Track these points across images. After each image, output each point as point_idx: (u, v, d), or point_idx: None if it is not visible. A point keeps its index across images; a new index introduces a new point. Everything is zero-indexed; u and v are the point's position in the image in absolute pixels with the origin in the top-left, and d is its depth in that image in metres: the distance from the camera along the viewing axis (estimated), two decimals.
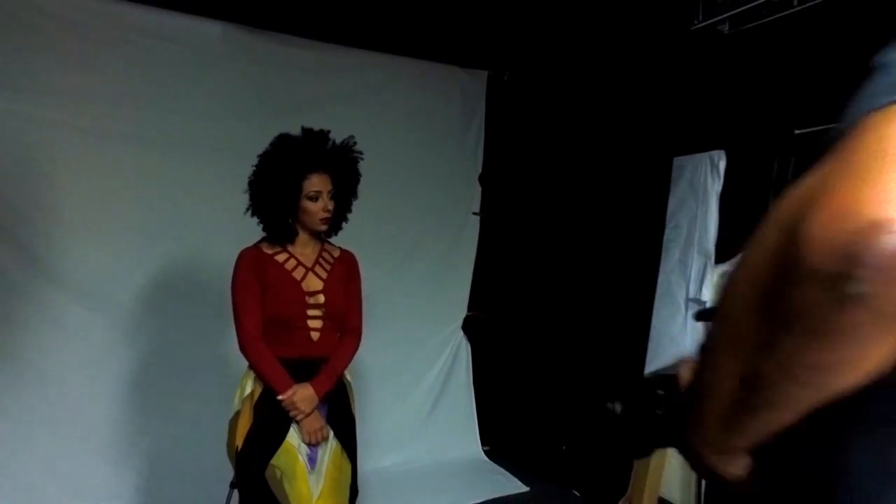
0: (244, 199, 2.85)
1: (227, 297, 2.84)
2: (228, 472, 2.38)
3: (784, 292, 0.37)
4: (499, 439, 3.75)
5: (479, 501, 3.05)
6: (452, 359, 3.71)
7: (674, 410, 0.60)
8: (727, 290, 0.45)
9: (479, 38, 3.63)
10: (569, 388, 3.34)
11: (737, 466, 0.52)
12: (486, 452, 3.68)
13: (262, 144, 2.87)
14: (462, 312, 3.80)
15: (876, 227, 0.33)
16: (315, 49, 3.25)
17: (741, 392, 0.44)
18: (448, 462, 3.45)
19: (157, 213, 2.89)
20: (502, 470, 3.46)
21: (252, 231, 2.41)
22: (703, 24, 2.60)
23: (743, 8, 2.45)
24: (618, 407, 0.69)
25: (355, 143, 1.86)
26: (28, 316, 2.65)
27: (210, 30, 3.00)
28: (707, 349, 0.50)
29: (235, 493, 2.16)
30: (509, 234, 3.87)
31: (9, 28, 2.55)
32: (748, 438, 0.48)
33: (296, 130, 2.69)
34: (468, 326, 3.81)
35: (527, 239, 3.77)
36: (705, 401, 0.49)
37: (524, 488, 3.25)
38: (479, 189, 3.92)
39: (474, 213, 3.92)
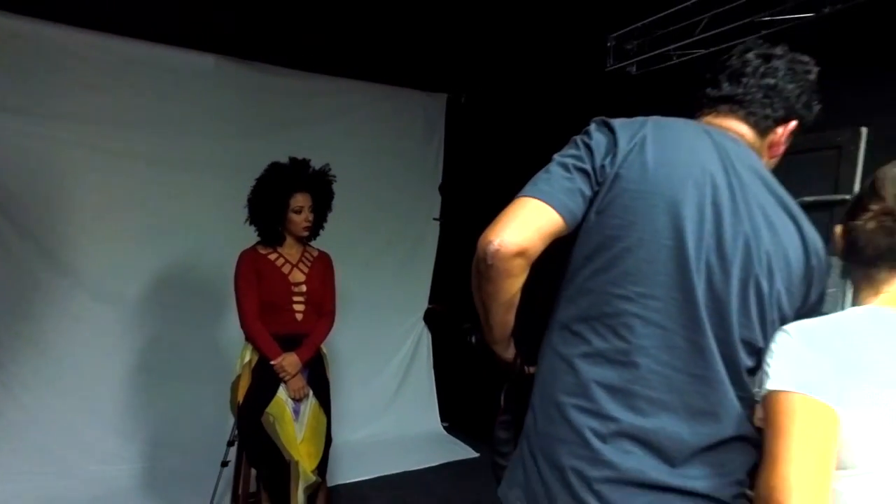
0: (234, 207, 3.38)
1: (220, 291, 3.37)
2: (221, 441, 2.90)
3: (478, 266, 0.93)
4: (456, 416, 4.29)
5: (436, 464, 3.60)
6: (415, 345, 4.25)
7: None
8: (473, 265, 1.00)
9: (440, 65, 4.18)
10: None
11: (508, 352, 1.08)
12: (445, 427, 4.22)
13: (249, 161, 3.42)
14: (424, 305, 4.34)
15: (491, 243, 0.89)
16: (295, 77, 3.74)
17: (482, 314, 1.00)
18: (412, 435, 3.97)
19: (159, 219, 3.36)
20: (458, 441, 4.01)
21: (238, 235, 2.94)
22: (615, 66, 3.20)
23: (647, 55, 3.04)
24: (473, 339, 1.25)
25: (330, 169, 2.39)
26: (49, 308, 3.11)
27: (204, 61, 3.48)
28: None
29: (231, 450, 2.69)
30: (466, 237, 4.40)
31: (34, 62, 3.01)
32: (500, 333, 1.03)
33: (278, 149, 3.26)
34: (429, 317, 4.36)
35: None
36: (482, 323, 1.05)
37: (475, 454, 3.79)
38: (439, 198, 4.48)
39: (435, 219, 4.47)
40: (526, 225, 0.90)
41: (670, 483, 0.87)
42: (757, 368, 0.90)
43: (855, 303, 0.92)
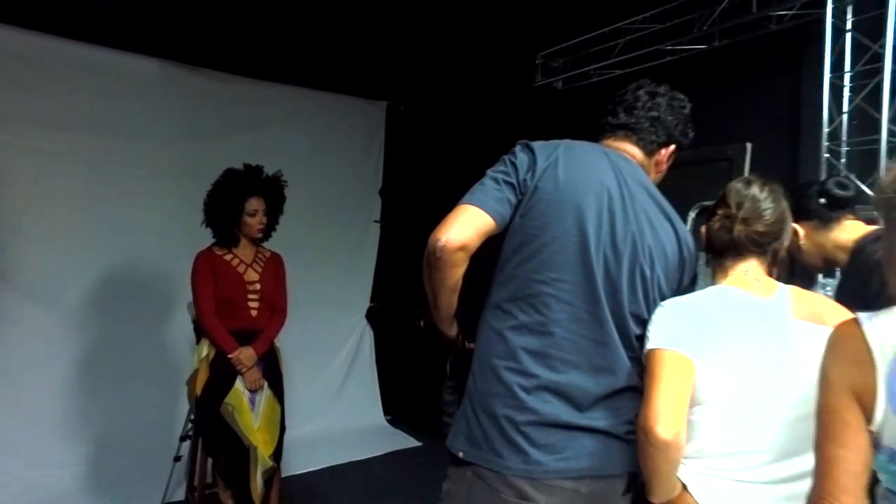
0: (177, 210, 3.48)
1: (164, 293, 3.44)
2: (170, 439, 2.98)
3: (429, 258, 1.16)
4: (398, 409, 4.49)
5: (381, 454, 3.80)
6: (358, 343, 4.43)
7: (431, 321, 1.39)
8: (424, 258, 1.23)
9: (380, 74, 4.39)
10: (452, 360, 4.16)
11: (452, 329, 1.31)
12: (388, 420, 4.42)
13: (193, 165, 3.52)
14: (365, 303, 4.53)
15: (439, 240, 1.12)
16: (239, 83, 3.84)
17: (431, 298, 1.24)
18: (356, 428, 4.15)
19: (101, 222, 3.37)
20: (401, 432, 4.21)
21: (182, 238, 3.03)
22: (543, 81, 3.52)
23: (571, 73, 3.37)
24: (422, 322, 1.48)
25: (282, 175, 2.56)
26: None
27: (148, 66, 3.52)
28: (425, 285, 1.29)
29: (183, 445, 2.79)
30: (405, 238, 4.64)
31: None
32: (446, 314, 1.27)
33: (221, 154, 3.39)
34: (371, 315, 4.55)
35: (420, 242, 4.52)
36: (431, 306, 1.28)
37: (418, 444, 4.02)
38: (379, 201, 4.68)
39: (375, 221, 4.67)
40: (466, 226, 1.14)
41: (579, 423, 1.13)
42: (643, 336, 1.18)
43: (713, 283, 1.23)
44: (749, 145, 2.71)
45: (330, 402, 4.16)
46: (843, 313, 1.04)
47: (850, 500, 0.85)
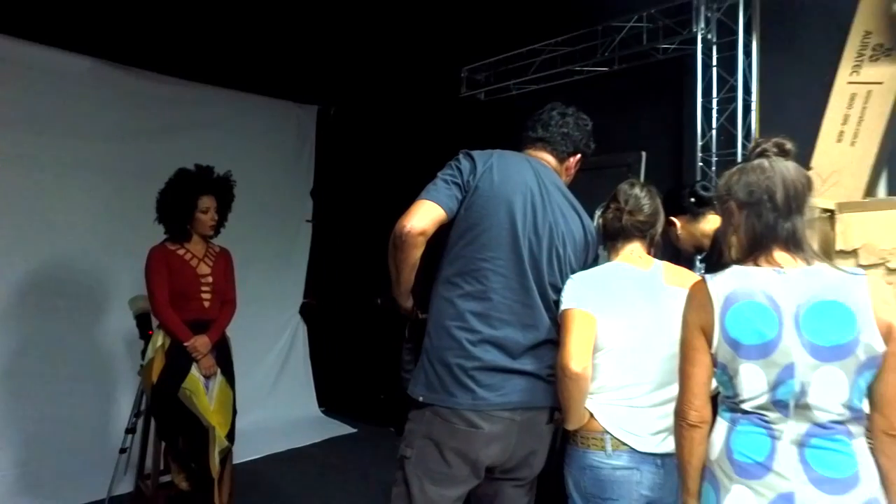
0: (109, 209, 3.51)
1: (97, 291, 3.46)
2: (108, 435, 3.04)
3: (395, 241, 1.45)
4: (331, 401, 4.70)
5: (320, 440, 4.00)
6: (292, 337, 4.60)
7: (388, 297, 1.68)
8: (390, 241, 1.52)
9: (311, 80, 4.58)
10: (383, 352, 4.42)
11: (408, 302, 1.61)
12: (322, 411, 4.62)
13: (125, 165, 3.59)
14: (299, 300, 4.71)
15: (405, 227, 1.42)
16: (174, 84, 3.91)
17: (394, 274, 1.54)
18: (293, 420, 4.31)
19: (30, 221, 3.35)
20: (336, 421, 4.43)
21: (114, 237, 3.06)
22: (467, 93, 3.88)
23: (493, 86, 3.75)
24: (379, 301, 1.77)
25: (231, 175, 2.74)
26: None
27: (79, 63, 3.53)
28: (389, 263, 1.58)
29: (129, 437, 2.88)
30: (336, 237, 4.86)
31: None
32: (405, 288, 1.57)
33: (154, 154, 3.50)
34: (304, 311, 4.73)
35: (350, 240, 4.77)
36: (393, 282, 1.58)
37: (353, 430, 4.26)
38: (311, 201, 4.87)
39: (307, 221, 4.86)
40: (425, 216, 1.44)
41: (513, 367, 1.46)
42: (558, 301, 1.53)
43: (608, 260, 1.61)
44: (644, 154, 3.20)
45: (266, 396, 4.29)
46: (696, 279, 1.45)
47: (699, 402, 1.24)
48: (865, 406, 1.18)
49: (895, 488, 1.16)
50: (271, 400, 4.32)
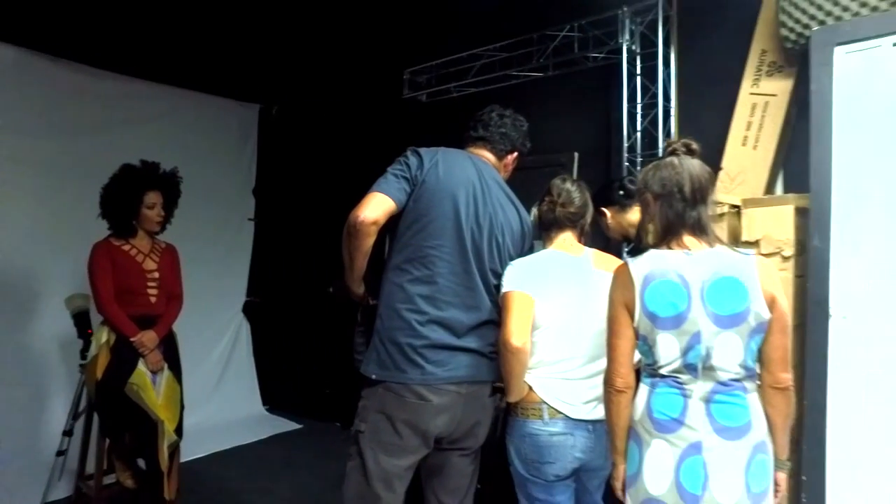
0: (41, 207, 3.43)
1: (24, 291, 3.34)
2: (42, 441, 2.96)
3: (349, 230, 1.57)
4: (275, 399, 4.69)
5: (266, 437, 4.01)
6: (235, 336, 4.57)
7: (342, 284, 1.79)
8: (344, 230, 1.63)
9: (253, 78, 4.58)
10: (328, 348, 4.48)
11: (360, 289, 1.72)
12: (266, 409, 4.61)
13: (58, 160, 3.48)
14: (242, 298, 4.68)
15: (358, 217, 1.54)
16: (110, 79, 3.82)
17: (346, 261, 1.65)
18: (237, 418, 4.29)
19: None
20: (281, 418, 4.44)
21: (44, 235, 2.94)
22: (410, 95, 4.00)
23: (434, 88, 3.89)
24: (331, 288, 1.87)
25: (178, 171, 2.74)
26: None
27: (2, 53, 3.40)
28: (343, 251, 1.69)
29: (66, 440, 2.82)
30: (279, 235, 4.86)
31: None
32: (358, 275, 1.68)
33: (89, 150, 3.42)
34: (248, 309, 4.71)
35: (293, 239, 4.78)
36: (346, 269, 1.69)
37: (298, 426, 4.29)
38: (253, 200, 4.85)
39: (250, 219, 4.84)
40: (377, 207, 1.56)
41: (458, 345, 1.60)
42: (498, 285, 1.68)
43: (543, 248, 1.78)
44: (576, 154, 3.43)
45: (210, 395, 4.25)
46: (620, 263, 1.64)
47: (624, 370, 1.42)
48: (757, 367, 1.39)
49: (779, 432, 1.39)
50: (215, 399, 4.28)
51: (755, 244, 2.39)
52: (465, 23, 3.75)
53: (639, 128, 3.00)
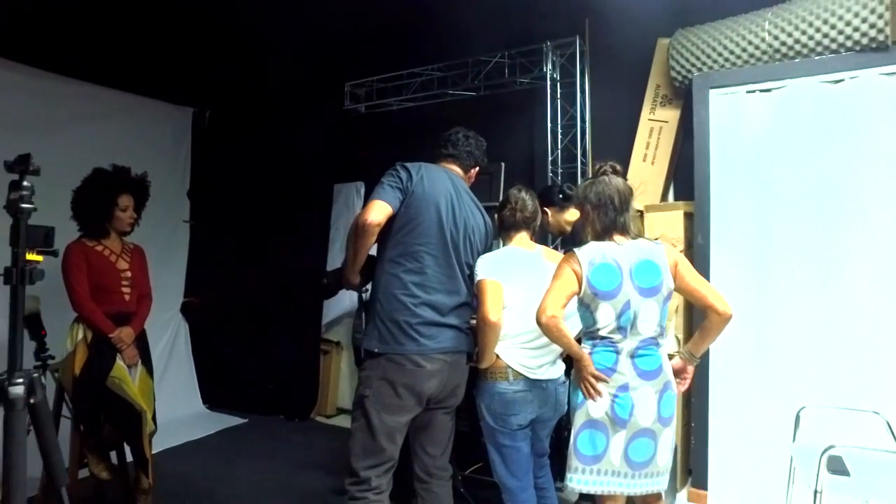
0: None
1: None
2: None
3: (356, 229, 1.93)
4: (216, 397, 4.78)
5: (213, 432, 4.14)
6: (174, 336, 4.62)
7: (335, 275, 2.12)
8: (351, 230, 1.97)
9: (187, 82, 4.65)
10: (268, 344, 4.66)
11: (356, 279, 2.07)
12: (207, 407, 4.70)
13: None
14: (179, 299, 4.73)
15: (366, 220, 1.90)
16: (40, 77, 3.76)
17: (350, 255, 1.99)
18: (179, 418, 4.33)
19: None
20: (224, 415, 4.56)
21: None
22: (350, 106, 4.31)
23: (374, 102, 4.22)
24: (325, 280, 2.20)
25: (147, 176, 2.89)
26: None
27: None
28: (347, 248, 2.03)
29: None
30: (215, 237, 4.94)
31: None
32: (358, 266, 2.02)
33: (18, 150, 3.33)
34: (186, 310, 4.76)
35: (229, 240, 4.89)
36: (349, 262, 2.03)
37: (243, 420, 4.44)
38: (188, 202, 4.91)
39: (185, 221, 4.89)
40: (380, 212, 1.91)
41: (444, 322, 1.98)
42: (472, 275, 2.10)
43: (504, 245, 2.22)
44: (503, 164, 3.92)
45: None
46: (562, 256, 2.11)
47: (551, 309, 1.80)
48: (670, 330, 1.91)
49: (705, 341, 1.94)
50: (156, 398, 4.31)
51: (655, 241, 3.00)
52: (407, 44, 4.12)
53: (559, 145, 3.54)
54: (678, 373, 1.97)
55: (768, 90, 2.77)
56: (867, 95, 2.52)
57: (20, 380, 1.34)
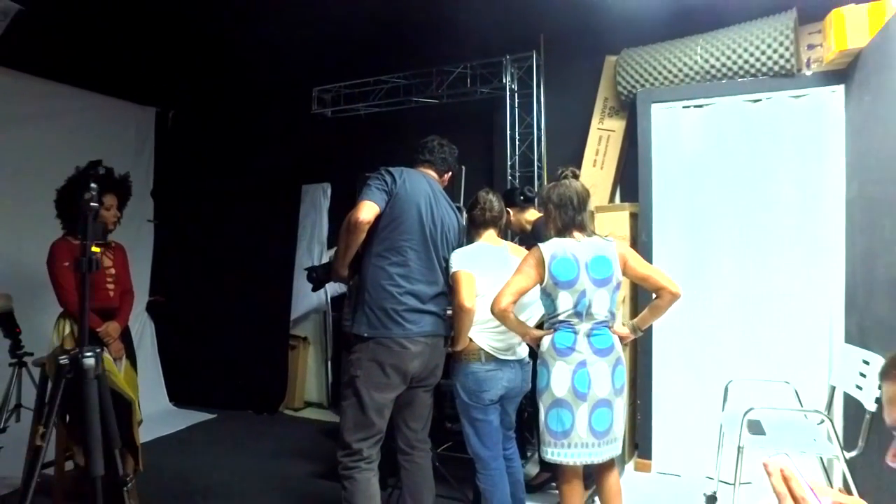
0: None
1: None
2: None
3: (348, 226, 2.15)
4: (182, 394, 4.84)
5: (184, 427, 4.22)
6: (140, 335, 4.65)
7: (325, 269, 2.35)
8: (343, 227, 2.20)
9: (150, 82, 4.70)
10: (235, 341, 4.76)
11: (345, 271, 2.29)
12: (174, 405, 4.76)
13: None
14: (145, 298, 4.77)
15: (357, 218, 2.12)
16: (6, 74, 3.76)
17: (342, 250, 2.22)
18: (146, 415, 4.34)
19: None
20: (192, 411, 4.63)
21: None
22: (317, 111, 4.49)
23: (340, 107, 4.42)
24: (315, 274, 2.41)
25: (130, 176, 3.00)
26: None
27: None
28: (339, 244, 2.25)
29: None
30: (179, 236, 5.00)
31: None
32: (347, 261, 2.25)
33: None
34: (151, 308, 4.80)
35: (194, 239, 4.96)
36: (340, 256, 2.25)
37: (212, 416, 4.53)
38: (152, 202, 4.95)
39: (149, 221, 4.92)
40: (369, 211, 2.13)
41: (425, 309, 2.22)
42: (447, 267, 2.35)
43: (474, 241, 2.49)
44: (464, 167, 4.19)
45: None
46: (525, 251, 2.39)
47: (506, 301, 2.12)
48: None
49: (652, 316, 2.27)
50: None
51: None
52: (373, 52, 4.33)
53: (517, 150, 3.85)
54: (621, 339, 2.28)
55: (701, 106, 3.16)
56: (779, 113, 2.95)
57: (89, 353, 1.52)
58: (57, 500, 2.71)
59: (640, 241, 3.27)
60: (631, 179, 3.47)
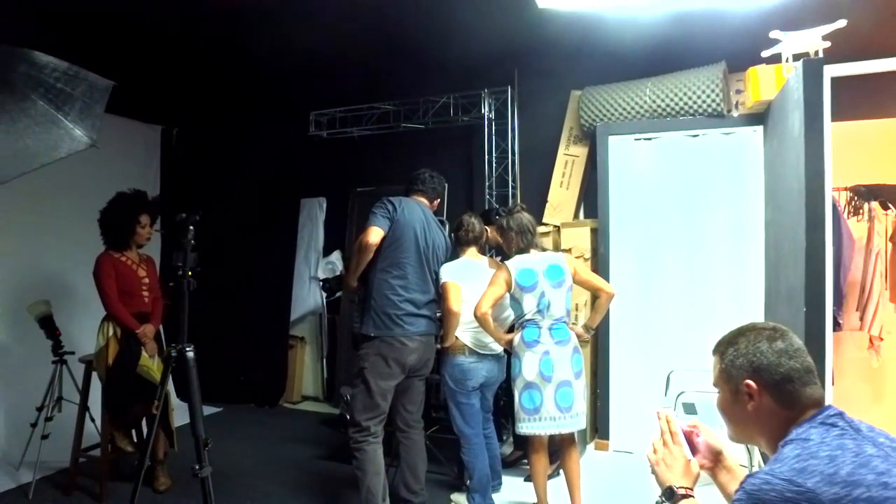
0: None
1: None
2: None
3: (360, 248, 2.66)
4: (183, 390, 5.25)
5: (179, 425, 4.64)
6: None
7: (337, 280, 2.84)
8: (355, 248, 2.69)
9: (155, 102, 5.10)
10: (239, 342, 5.20)
11: (355, 281, 2.80)
12: (181, 400, 5.16)
13: None
14: None
15: (368, 241, 2.63)
16: None
17: (354, 265, 2.72)
18: None
19: None
20: None
21: None
22: (314, 132, 4.96)
23: (335, 130, 4.90)
24: (329, 285, 2.91)
25: (159, 198, 3.45)
26: None
27: None
28: (351, 260, 2.75)
29: (48, 424, 3.35)
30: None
31: None
32: (358, 274, 2.75)
33: None
34: None
35: (199, 247, 5.34)
36: (352, 270, 2.75)
37: (218, 409, 4.97)
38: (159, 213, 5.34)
39: (157, 230, 5.31)
40: (376, 235, 2.63)
41: (420, 313, 2.73)
42: (437, 279, 2.87)
43: (459, 257, 3.01)
44: (447, 186, 4.69)
45: None
46: (501, 264, 2.92)
47: (485, 307, 2.66)
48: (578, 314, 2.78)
49: (598, 314, 2.82)
50: None
51: (569, 250, 3.90)
52: (367, 81, 4.83)
53: (494, 173, 4.39)
54: (578, 337, 2.82)
55: (650, 139, 3.73)
56: (713, 147, 3.54)
57: (189, 347, 2.05)
58: (102, 479, 3.16)
59: (599, 252, 3.84)
60: (593, 199, 4.03)
